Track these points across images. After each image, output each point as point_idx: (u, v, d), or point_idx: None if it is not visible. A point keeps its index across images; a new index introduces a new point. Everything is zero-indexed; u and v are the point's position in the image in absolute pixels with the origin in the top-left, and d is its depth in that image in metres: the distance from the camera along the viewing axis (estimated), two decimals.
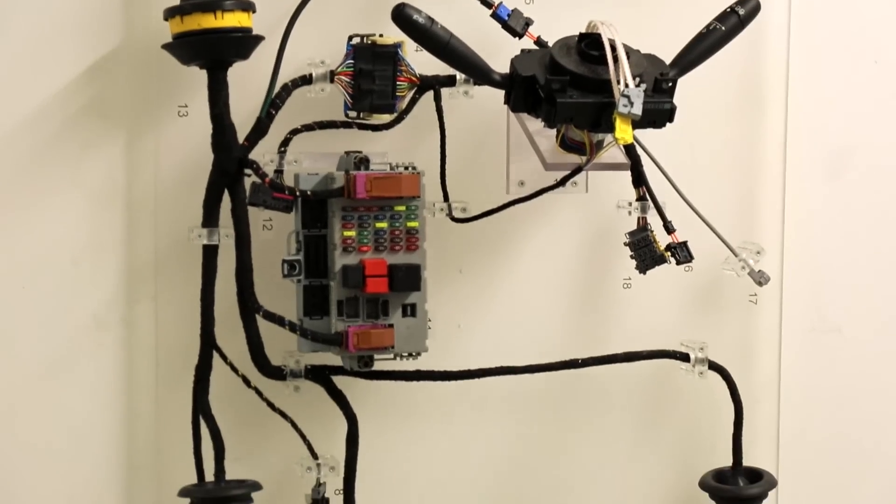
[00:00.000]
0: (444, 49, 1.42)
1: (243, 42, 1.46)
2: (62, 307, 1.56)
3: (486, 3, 1.52)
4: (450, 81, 1.54)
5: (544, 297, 1.69)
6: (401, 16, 1.39)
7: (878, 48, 1.76)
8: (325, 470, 1.55)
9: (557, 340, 1.68)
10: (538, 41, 1.52)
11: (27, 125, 1.54)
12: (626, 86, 1.38)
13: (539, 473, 1.71)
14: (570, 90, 1.42)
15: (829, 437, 1.78)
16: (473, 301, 1.67)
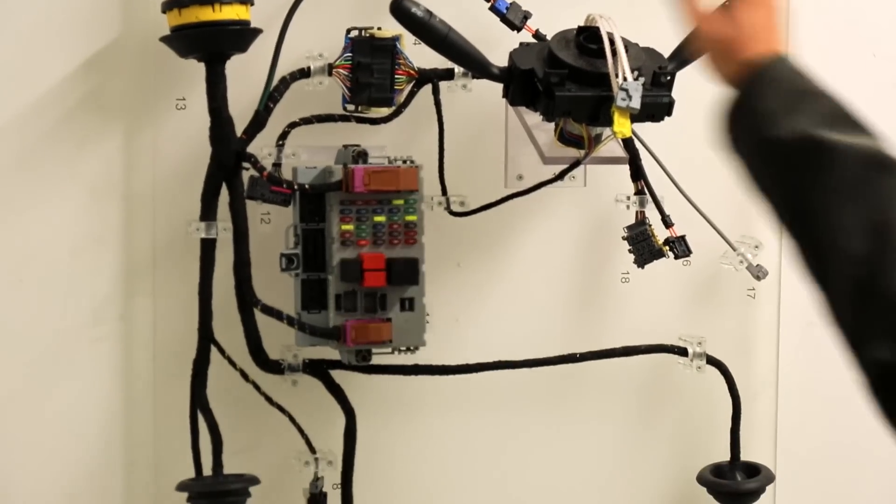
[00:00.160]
0: (442, 42, 1.41)
1: (241, 35, 1.46)
2: (60, 301, 1.56)
3: None
4: (448, 75, 1.54)
5: (542, 292, 1.69)
6: (399, 9, 1.39)
7: (877, 42, 1.76)
8: (323, 464, 1.55)
9: (556, 335, 1.68)
10: (537, 34, 1.52)
11: (25, 118, 1.53)
12: (625, 79, 1.38)
13: (537, 467, 1.71)
14: (569, 84, 1.42)
15: (827, 432, 1.78)
16: (472, 295, 1.67)
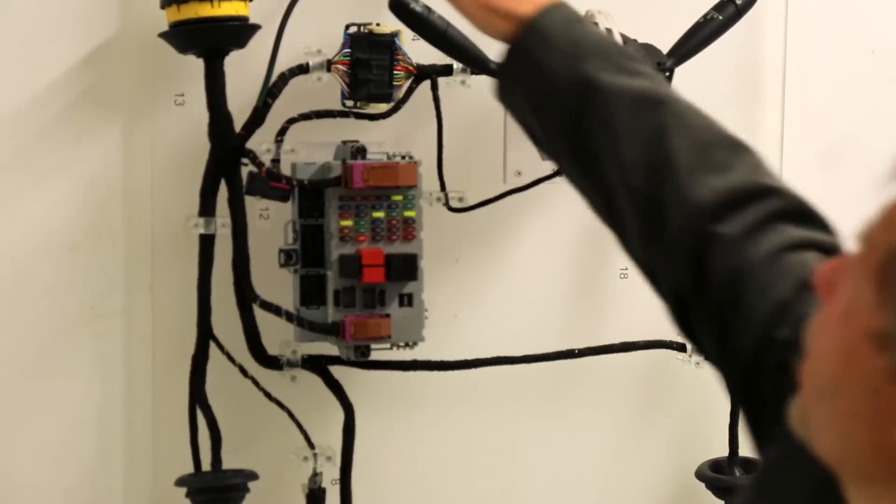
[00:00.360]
0: (441, 38, 1.42)
1: (240, 31, 1.46)
2: (59, 296, 1.56)
3: None
4: (447, 71, 1.54)
5: (541, 287, 1.69)
6: (398, 5, 1.39)
7: (875, 38, 1.76)
8: (322, 460, 1.55)
9: (554, 330, 1.68)
10: None
11: (24, 114, 1.53)
12: None
13: (535, 463, 1.71)
14: None
15: None
16: (470, 291, 1.67)
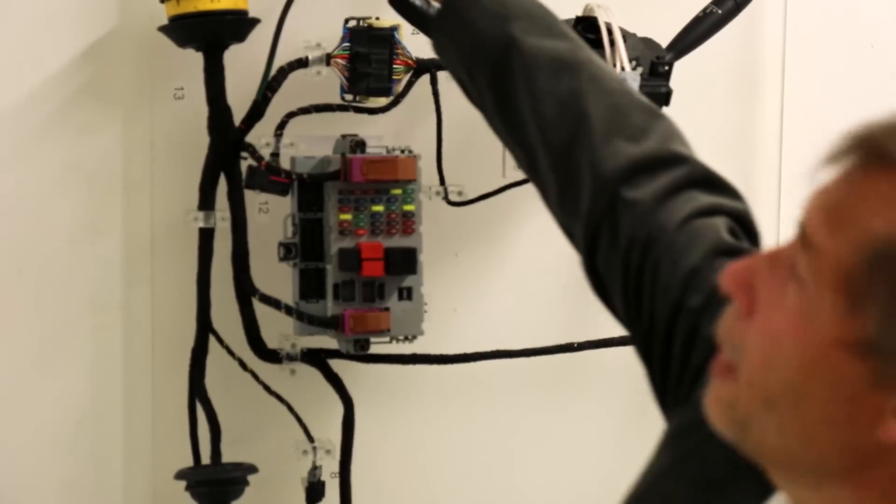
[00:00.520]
0: None
1: (239, 24, 1.46)
2: (59, 290, 1.56)
3: None
4: None
5: (540, 281, 1.69)
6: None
7: (875, 32, 1.76)
8: (322, 453, 1.55)
9: (553, 324, 1.68)
10: None
11: (24, 108, 1.53)
12: (623, 69, 1.39)
13: (535, 456, 1.71)
14: None
15: None
16: (469, 284, 1.67)
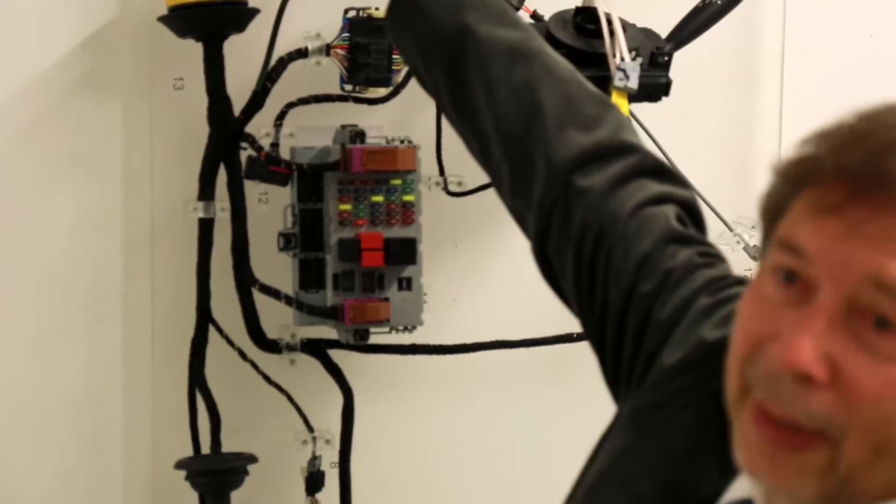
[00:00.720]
0: None
1: (239, 15, 1.46)
2: (59, 280, 1.56)
3: None
4: None
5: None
6: None
7: (874, 23, 1.76)
8: (321, 443, 1.55)
9: (553, 315, 1.67)
10: (534, 15, 1.52)
11: (23, 98, 1.53)
12: (622, 59, 1.39)
13: (534, 446, 1.71)
14: None
15: None
16: (469, 275, 1.67)
